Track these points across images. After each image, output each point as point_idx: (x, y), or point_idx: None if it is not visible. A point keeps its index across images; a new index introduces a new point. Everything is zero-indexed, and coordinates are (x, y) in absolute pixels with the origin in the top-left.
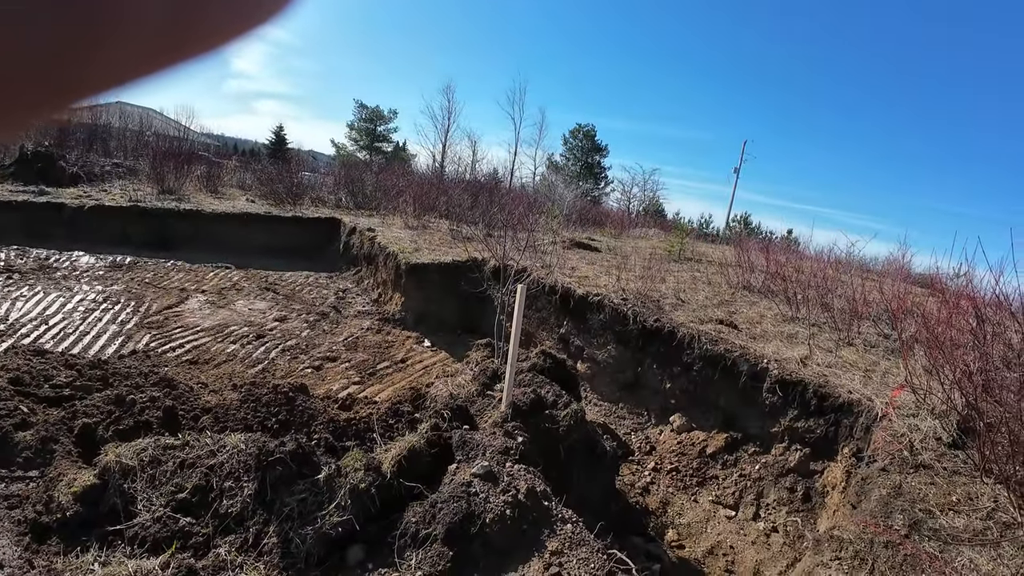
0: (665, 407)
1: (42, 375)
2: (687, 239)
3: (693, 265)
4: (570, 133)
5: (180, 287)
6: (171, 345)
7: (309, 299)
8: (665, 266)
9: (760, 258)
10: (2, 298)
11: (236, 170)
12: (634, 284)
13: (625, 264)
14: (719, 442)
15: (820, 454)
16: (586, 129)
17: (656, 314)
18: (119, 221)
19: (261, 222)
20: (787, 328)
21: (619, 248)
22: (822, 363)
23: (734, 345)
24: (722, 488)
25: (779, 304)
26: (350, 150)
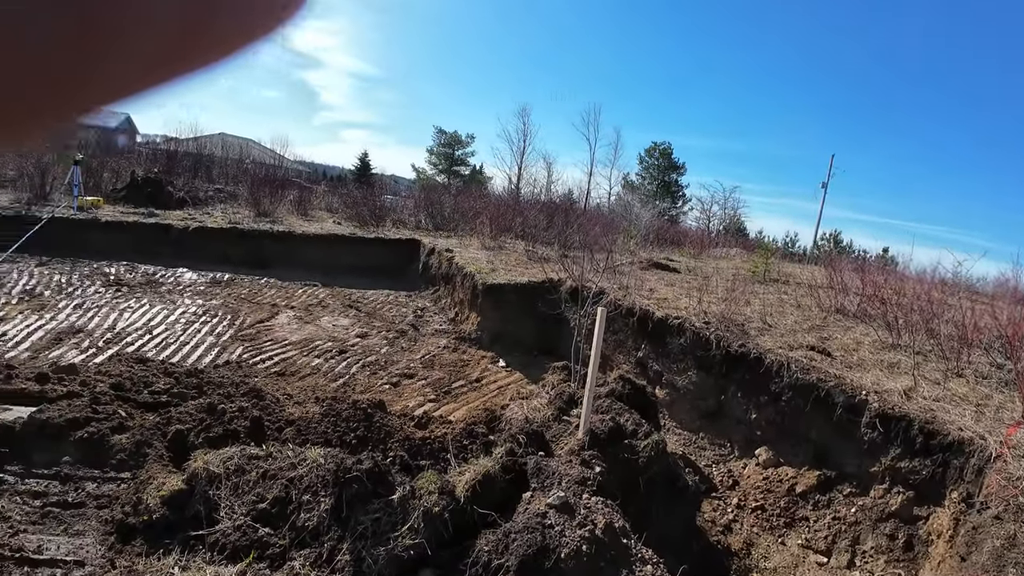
0: (750, 439)
1: (142, 381)
2: (772, 259)
3: (780, 287)
4: (646, 152)
5: (272, 303)
6: (261, 357)
7: (389, 317)
8: (749, 288)
9: (854, 279)
10: (111, 309)
11: (325, 194)
12: (717, 307)
13: (707, 286)
14: (810, 480)
15: (925, 498)
16: (662, 147)
17: (741, 339)
18: (220, 241)
19: (346, 243)
20: (888, 356)
21: (699, 269)
22: (928, 396)
23: (828, 374)
24: (813, 531)
25: (878, 330)
26: (429, 174)
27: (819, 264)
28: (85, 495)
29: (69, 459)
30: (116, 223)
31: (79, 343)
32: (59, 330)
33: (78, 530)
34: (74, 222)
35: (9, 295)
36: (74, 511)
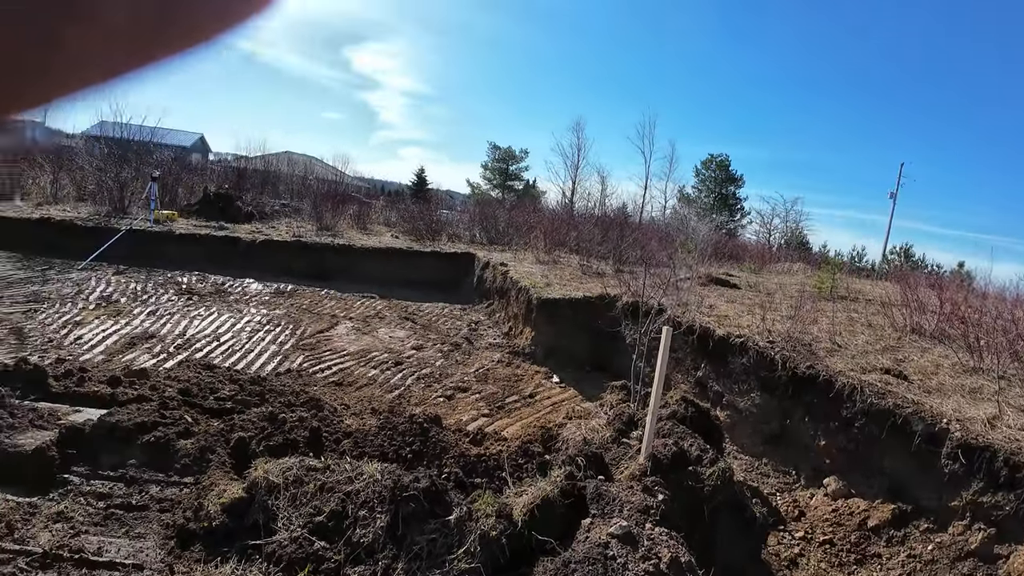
0: (818, 467)
1: (209, 387)
2: (839, 274)
3: (848, 304)
4: (702, 164)
5: (331, 314)
6: (320, 367)
7: (444, 330)
8: (816, 305)
9: (931, 296)
10: (183, 316)
11: (383, 209)
12: (782, 325)
13: (770, 302)
14: (884, 514)
15: (1008, 535)
16: (719, 159)
17: (809, 360)
18: (284, 254)
19: (403, 256)
20: (969, 381)
21: (761, 284)
22: (1014, 425)
23: (905, 400)
24: (886, 569)
25: (958, 352)
26: (484, 189)
27: (889, 279)
28: (148, 498)
29: (135, 462)
30: (189, 235)
31: (151, 348)
32: (133, 335)
33: (139, 533)
34: (150, 234)
35: (87, 301)
36: (136, 514)
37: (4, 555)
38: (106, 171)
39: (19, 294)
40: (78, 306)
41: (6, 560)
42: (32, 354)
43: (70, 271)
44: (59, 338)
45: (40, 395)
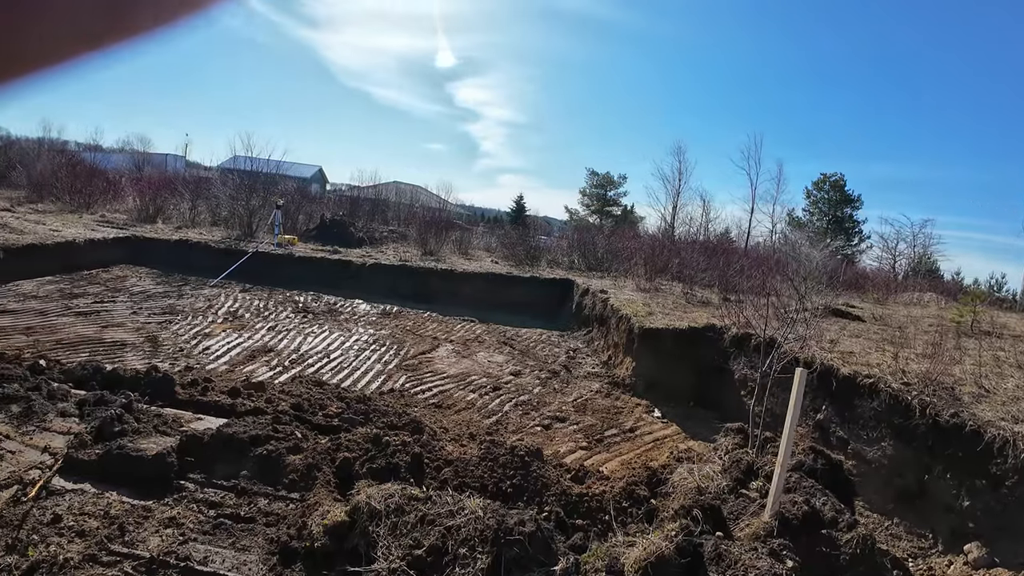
0: (959, 530)
1: (318, 404)
2: (980, 306)
3: (992, 341)
4: (813, 185)
5: (433, 336)
6: (421, 388)
7: (542, 356)
8: (955, 341)
9: None
10: (298, 332)
11: (483, 235)
12: (917, 364)
13: (902, 338)
14: None
15: None
16: (833, 179)
17: (952, 406)
18: (391, 277)
19: (503, 281)
20: None
21: (888, 317)
22: None
23: None
24: None
25: None
26: (582, 215)
27: None
28: (256, 511)
29: (247, 473)
30: (307, 258)
31: (269, 361)
32: (254, 348)
33: (244, 545)
34: (273, 256)
35: (216, 315)
36: (244, 526)
37: (112, 557)
38: (237, 199)
39: (157, 306)
40: (208, 319)
41: (112, 563)
42: (164, 361)
43: (203, 287)
44: (189, 348)
45: (167, 401)
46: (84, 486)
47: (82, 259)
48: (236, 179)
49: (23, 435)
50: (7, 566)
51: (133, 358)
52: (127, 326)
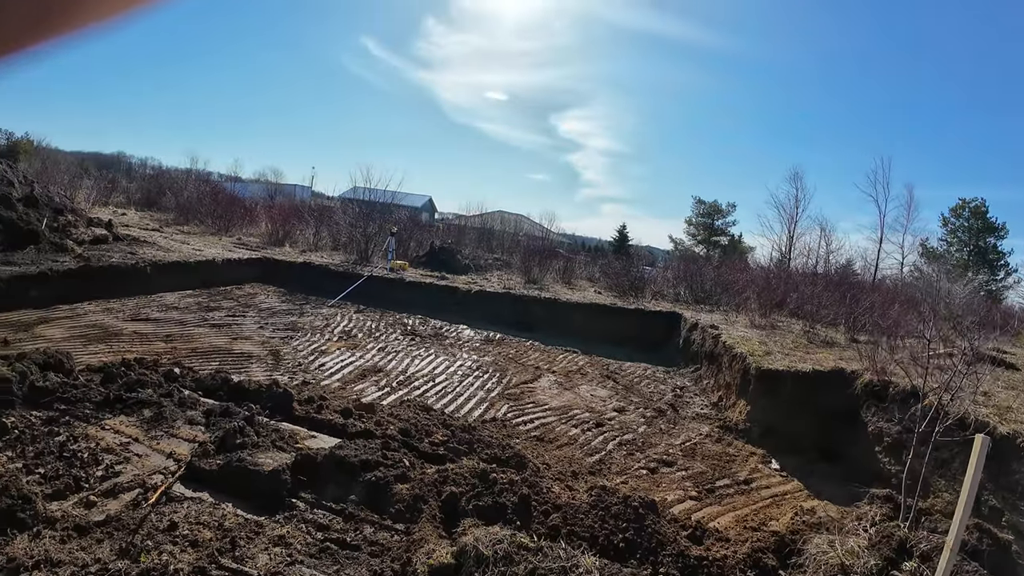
0: None
1: (424, 430)
2: None
3: None
4: (951, 212)
5: (535, 365)
6: (523, 419)
7: (647, 392)
8: None
9: None
10: (406, 355)
11: (586, 264)
12: None
13: None
14: None
15: None
16: (973, 205)
17: None
18: (495, 304)
19: (606, 312)
20: None
21: None
22: None
23: None
24: None
25: None
26: (687, 244)
27: None
28: (361, 538)
29: (355, 498)
30: (416, 283)
31: (378, 381)
32: (364, 368)
33: (348, 574)
34: (385, 280)
35: (332, 333)
36: (349, 553)
37: (220, 572)
38: (355, 226)
39: (281, 323)
40: (324, 337)
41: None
42: (283, 374)
43: (321, 307)
44: (307, 363)
45: (285, 416)
46: (203, 495)
47: (219, 276)
48: (355, 208)
49: (152, 439)
50: (117, 571)
51: (257, 370)
52: (254, 339)
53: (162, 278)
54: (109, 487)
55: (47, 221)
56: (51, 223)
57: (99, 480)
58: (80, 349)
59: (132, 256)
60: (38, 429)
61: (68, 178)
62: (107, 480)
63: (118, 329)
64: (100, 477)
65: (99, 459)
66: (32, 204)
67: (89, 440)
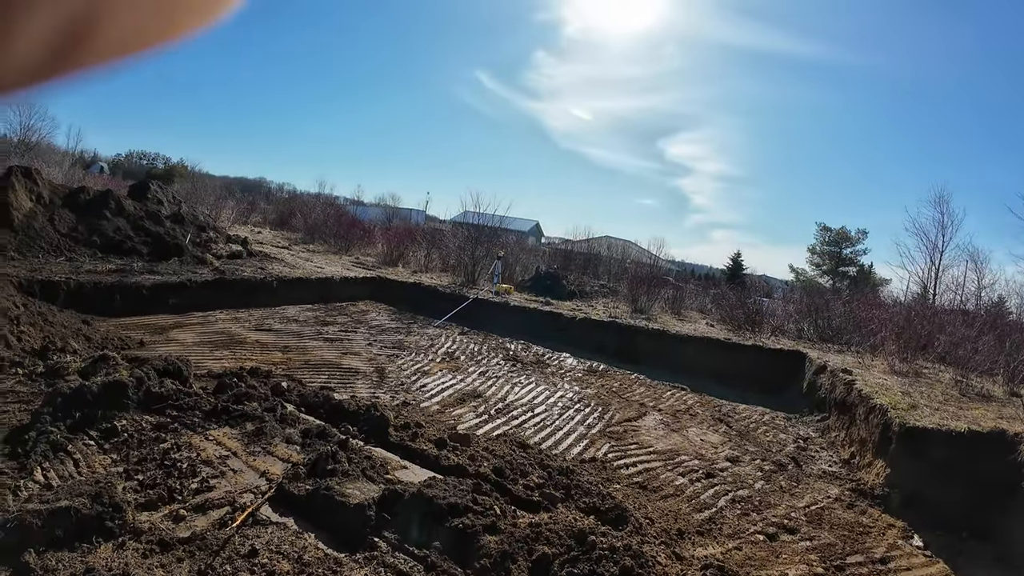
0: None
1: (519, 469)
2: None
3: None
4: None
5: (640, 401)
6: (625, 461)
7: (764, 442)
8: None
9: None
10: (506, 381)
11: (697, 294)
12: None
13: None
14: None
15: None
16: None
17: None
18: (599, 332)
19: (719, 347)
20: None
21: None
22: None
23: None
24: None
25: None
26: (810, 275)
27: None
28: None
29: (439, 545)
30: (520, 307)
31: (476, 407)
32: (464, 391)
33: None
34: (490, 303)
35: (435, 354)
36: None
37: None
38: (464, 249)
39: (388, 340)
40: (428, 358)
41: None
42: (386, 392)
43: (427, 327)
44: (409, 383)
45: (380, 441)
46: (287, 521)
47: (336, 293)
48: (464, 231)
49: (249, 455)
50: None
51: (362, 386)
52: (362, 355)
53: (286, 292)
54: (200, 502)
55: (191, 236)
56: (194, 238)
57: (192, 493)
58: (207, 354)
59: (262, 271)
60: (146, 434)
61: (214, 199)
62: (200, 494)
63: (242, 337)
64: (194, 490)
65: (196, 471)
66: (178, 221)
67: (191, 450)
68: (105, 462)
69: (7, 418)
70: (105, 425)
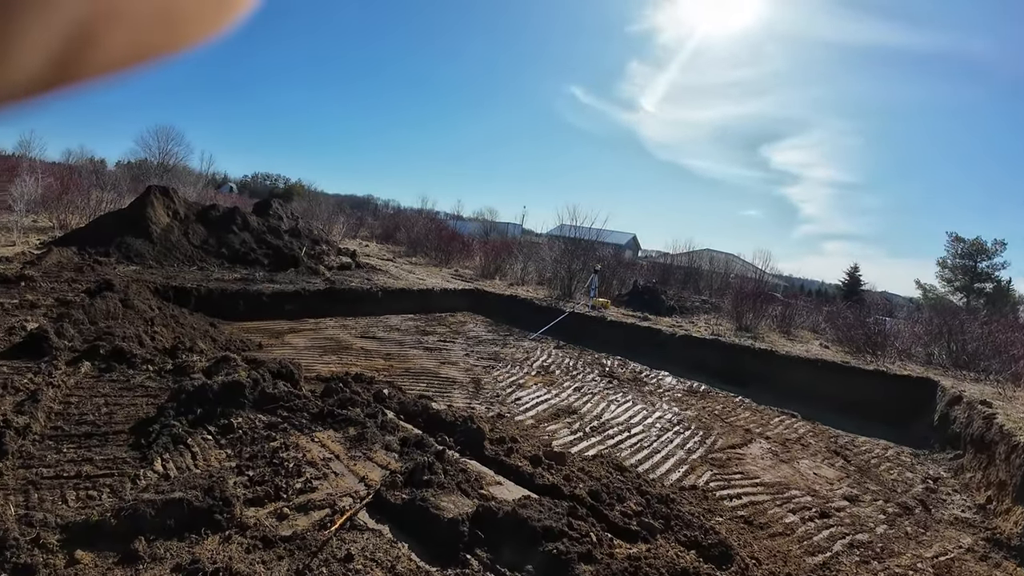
0: None
1: (616, 494)
2: None
3: None
4: None
5: (745, 427)
6: (728, 492)
7: (887, 480)
8: None
9: None
10: (602, 398)
11: (808, 312)
12: None
13: None
14: None
15: None
16: None
17: None
18: (700, 351)
19: (835, 372)
20: None
21: None
22: None
23: None
24: None
25: None
26: (940, 292)
27: None
28: None
29: (531, 569)
30: (617, 322)
31: (571, 424)
32: (559, 407)
33: None
34: (586, 317)
35: (531, 367)
36: None
37: None
38: (560, 263)
39: (485, 352)
40: (523, 370)
41: None
42: (481, 403)
43: (523, 339)
44: (504, 395)
45: (475, 454)
46: (383, 528)
47: (436, 304)
48: (560, 244)
49: (351, 459)
50: None
51: (459, 396)
52: (459, 365)
53: (389, 302)
54: (303, 502)
55: (306, 249)
56: (309, 251)
57: (296, 493)
58: (316, 358)
59: (368, 282)
60: (258, 432)
61: (327, 215)
62: (303, 494)
63: (349, 344)
64: (298, 490)
65: (302, 471)
66: (296, 235)
67: (298, 450)
68: (220, 456)
69: (135, 410)
70: (222, 422)
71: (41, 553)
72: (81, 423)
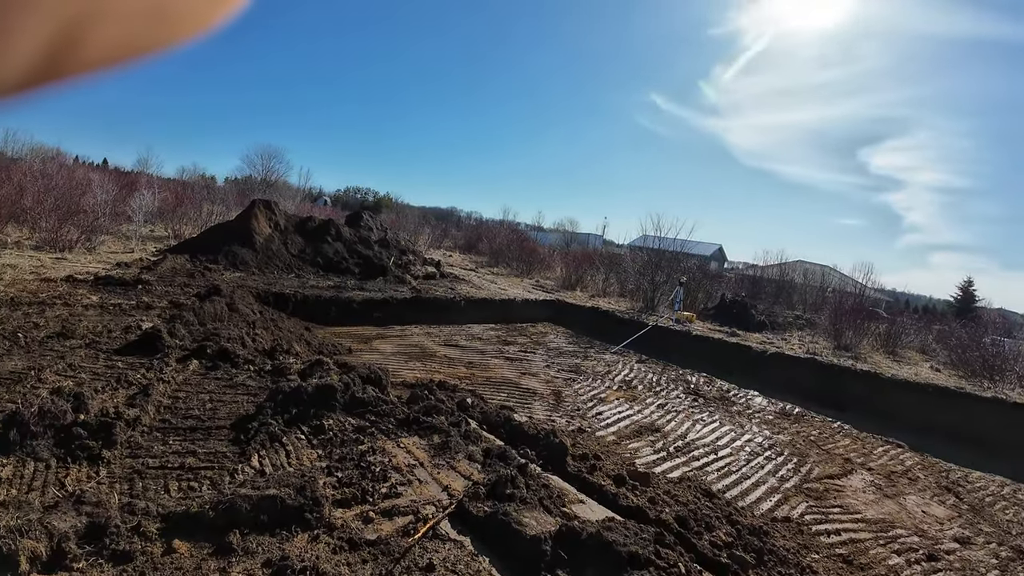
0: None
1: (705, 521)
2: None
3: None
4: None
5: (844, 456)
6: (826, 527)
7: (1002, 521)
8: None
9: None
10: (686, 417)
11: (916, 330)
12: None
13: None
14: None
15: None
16: None
17: None
18: (794, 370)
19: (946, 397)
20: None
21: None
22: None
23: None
24: None
25: None
26: None
27: None
28: None
29: None
30: (703, 337)
31: (654, 443)
32: (642, 424)
33: None
34: (670, 331)
35: (612, 381)
36: None
37: None
38: (643, 274)
39: (566, 363)
40: (605, 384)
41: None
42: (562, 417)
43: (604, 352)
44: (585, 409)
45: (557, 469)
46: (465, 540)
47: (517, 314)
48: (643, 256)
49: (434, 467)
50: None
51: (539, 408)
52: (540, 377)
53: (472, 311)
54: (388, 507)
55: (394, 259)
56: (397, 261)
57: (382, 497)
58: (402, 364)
59: (451, 291)
60: (348, 435)
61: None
62: (388, 499)
63: (433, 351)
64: (384, 494)
65: (387, 475)
66: (384, 245)
67: (385, 455)
68: (312, 456)
69: (236, 407)
70: (315, 423)
71: (140, 541)
72: (187, 417)
